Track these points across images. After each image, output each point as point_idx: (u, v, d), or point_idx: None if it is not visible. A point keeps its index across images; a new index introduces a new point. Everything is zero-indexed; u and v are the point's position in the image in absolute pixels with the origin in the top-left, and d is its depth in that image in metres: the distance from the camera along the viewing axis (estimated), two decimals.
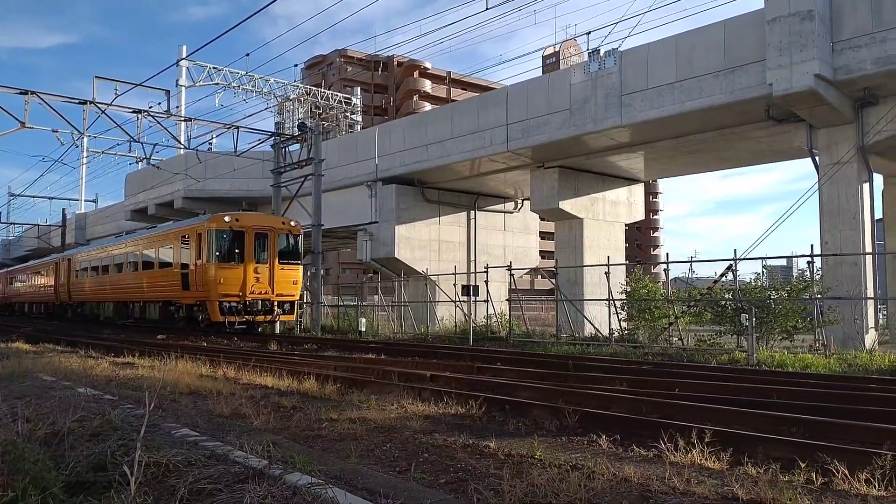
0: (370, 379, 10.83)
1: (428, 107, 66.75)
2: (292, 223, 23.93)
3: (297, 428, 7.09)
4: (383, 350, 16.95)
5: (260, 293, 22.41)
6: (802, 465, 5.17)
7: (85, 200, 63.81)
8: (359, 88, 47.02)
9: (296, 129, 30.00)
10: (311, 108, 37.88)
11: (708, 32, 19.38)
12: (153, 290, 26.34)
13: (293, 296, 23.74)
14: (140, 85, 23.90)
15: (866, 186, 18.33)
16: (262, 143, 29.02)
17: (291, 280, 23.40)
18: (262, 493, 4.16)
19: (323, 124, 35.35)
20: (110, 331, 26.96)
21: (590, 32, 44.52)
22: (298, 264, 24.12)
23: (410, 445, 6.24)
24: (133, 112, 25.00)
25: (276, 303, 22.91)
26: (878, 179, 21.52)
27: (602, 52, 21.80)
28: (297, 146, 28.38)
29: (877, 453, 5.12)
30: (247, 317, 22.32)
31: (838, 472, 4.93)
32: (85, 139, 30.65)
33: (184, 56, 39.74)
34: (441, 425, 7.24)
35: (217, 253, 22.16)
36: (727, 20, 19.13)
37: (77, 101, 23.86)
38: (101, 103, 23.92)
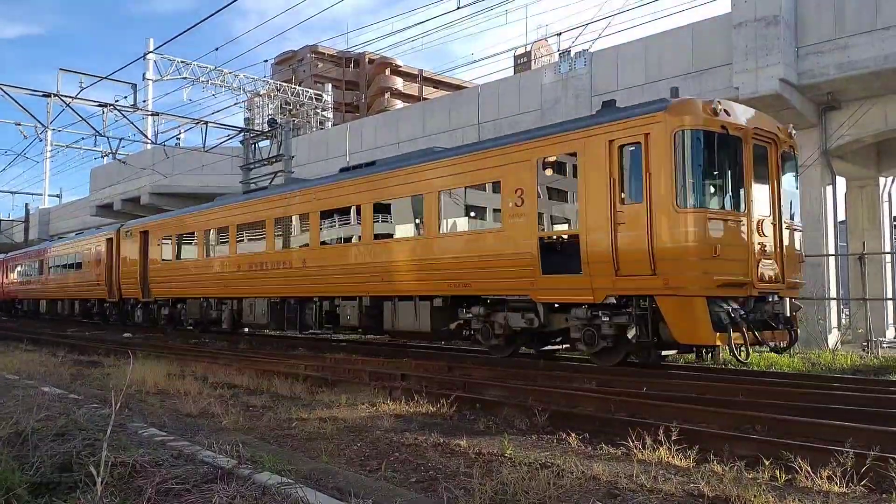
0: (341, 378, 10.80)
1: (399, 104, 66.57)
2: (791, 130, 11.64)
3: (267, 427, 7.05)
4: (354, 349, 16.87)
5: (772, 279, 10.48)
6: (767, 463, 5.28)
7: (49, 195, 62.50)
8: (330, 85, 46.69)
9: (266, 125, 29.69)
10: (281, 104, 37.53)
11: (676, 35, 19.63)
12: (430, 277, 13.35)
13: (798, 283, 11.38)
14: (106, 78, 23.42)
15: (829, 189, 18.73)
16: (231, 138, 28.61)
17: (797, 251, 11.41)
18: (231, 493, 4.13)
19: (293, 121, 35.07)
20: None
21: (561, 33, 45.01)
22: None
23: (381, 444, 6.24)
24: (99, 105, 24.53)
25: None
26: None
27: (572, 54, 21.97)
28: (266, 142, 28.12)
29: (838, 451, 5.24)
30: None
31: (801, 470, 5.04)
32: (49, 133, 30.04)
33: (151, 49, 39.11)
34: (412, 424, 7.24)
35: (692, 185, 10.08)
36: (695, 24, 19.41)
37: (41, 93, 23.37)
38: (66, 96, 23.46)
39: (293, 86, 40.37)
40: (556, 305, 11.51)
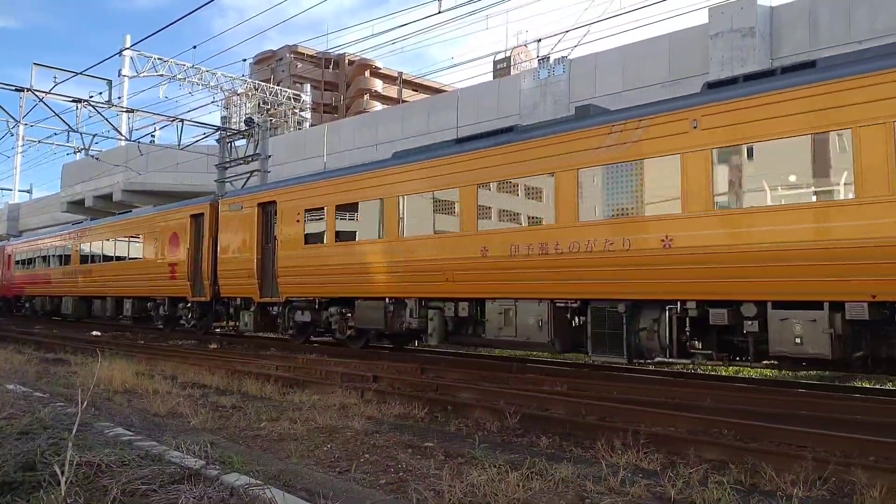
0: (312, 379, 10.74)
1: (379, 106, 66.46)
2: None
3: (237, 428, 7.00)
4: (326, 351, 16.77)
5: None
6: (732, 467, 5.36)
7: (19, 190, 61.51)
8: (308, 85, 46.46)
9: (243, 123, 29.46)
10: (259, 104, 37.24)
11: (654, 44, 19.86)
12: None
13: None
14: (81, 74, 23.11)
15: None
16: (207, 137, 28.34)
17: None
18: (198, 493, 4.09)
19: (271, 120, 34.82)
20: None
21: (540, 40, 45.04)
22: None
23: (352, 446, 6.22)
24: (73, 101, 24.19)
25: None
26: None
27: (552, 60, 22.13)
28: (243, 141, 27.87)
29: (801, 456, 5.34)
30: None
31: (766, 474, 5.12)
32: (21, 127, 29.56)
33: (128, 45, 38.61)
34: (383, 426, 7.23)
35: None
36: (672, 33, 19.66)
37: (13, 87, 23.00)
38: (40, 91, 23.10)
39: (271, 85, 40.12)
40: None
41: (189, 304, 19.90)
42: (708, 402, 8.34)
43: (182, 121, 26.76)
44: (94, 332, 22.28)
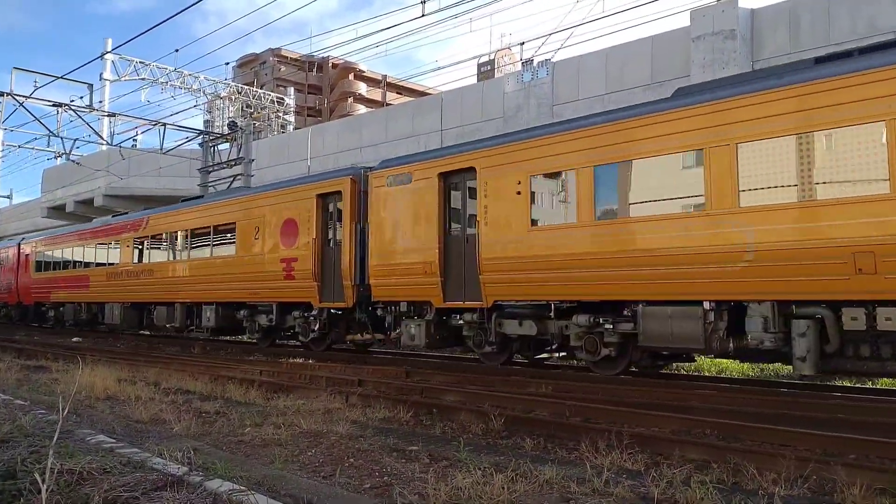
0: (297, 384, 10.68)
1: (363, 109, 66.38)
2: None
3: (220, 434, 6.96)
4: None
5: None
6: (715, 466, 5.40)
7: None
8: (292, 89, 46.43)
9: (226, 127, 29.37)
10: (242, 107, 37.10)
11: (637, 47, 20.00)
12: None
13: None
14: (61, 78, 22.93)
15: None
16: (189, 141, 28.23)
17: None
18: (182, 500, 4.08)
19: (254, 124, 34.69)
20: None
21: (524, 42, 45.44)
22: None
23: (336, 450, 6.20)
24: (53, 105, 24.00)
25: None
26: None
27: (535, 63, 22.23)
28: (226, 145, 27.80)
29: (782, 455, 5.39)
30: None
31: (748, 473, 5.17)
32: (0, 132, 29.23)
33: (109, 49, 38.36)
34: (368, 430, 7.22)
35: None
36: (655, 36, 19.81)
37: None
38: (20, 95, 22.92)
39: (255, 89, 40.02)
40: None
41: (313, 312, 15.17)
42: (691, 402, 8.40)
43: (164, 125, 26.62)
44: (75, 339, 22.07)
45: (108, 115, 28.38)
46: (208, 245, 18.50)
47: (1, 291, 31.19)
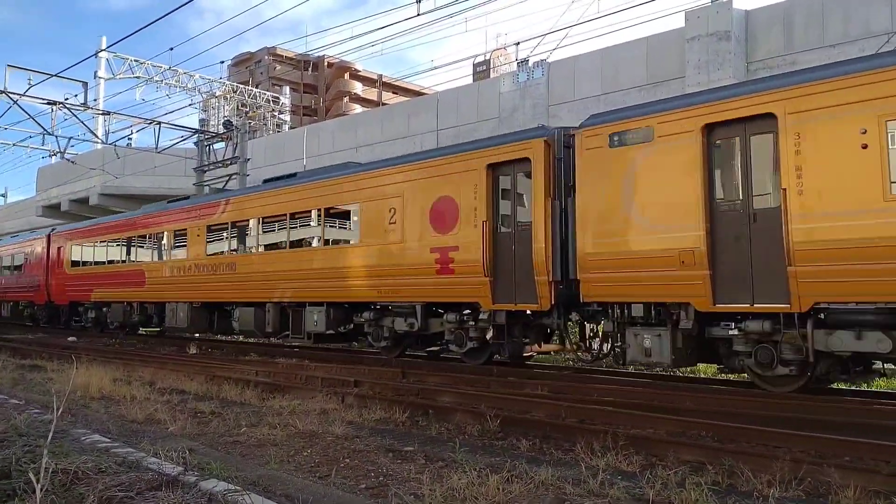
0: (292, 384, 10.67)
1: (358, 109, 66.34)
2: None
3: (215, 434, 6.95)
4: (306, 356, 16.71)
5: None
6: (710, 468, 5.41)
7: None
8: (288, 88, 46.35)
9: (221, 126, 29.31)
10: (237, 106, 37.05)
11: (632, 48, 20.04)
12: None
13: None
14: (56, 76, 22.84)
15: None
16: (185, 140, 28.18)
17: None
18: (176, 500, 4.07)
19: (249, 123, 34.66)
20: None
21: (519, 43, 45.47)
22: None
23: (332, 451, 6.20)
24: (48, 103, 23.92)
25: None
26: None
27: (531, 63, 22.26)
28: (222, 144, 27.74)
29: (777, 456, 5.41)
30: None
31: (742, 475, 5.18)
32: None
33: (104, 47, 38.25)
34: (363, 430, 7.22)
35: None
36: (650, 37, 19.86)
37: None
38: (14, 93, 22.82)
39: (250, 88, 39.96)
40: None
41: (481, 316, 11.88)
42: (687, 404, 8.42)
43: (159, 123, 26.56)
44: (71, 338, 21.99)
45: (102, 114, 28.27)
46: (315, 233, 15.08)
47: (24, 290, 27.55)
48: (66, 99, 24.68)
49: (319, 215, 14.88)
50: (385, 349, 14.13)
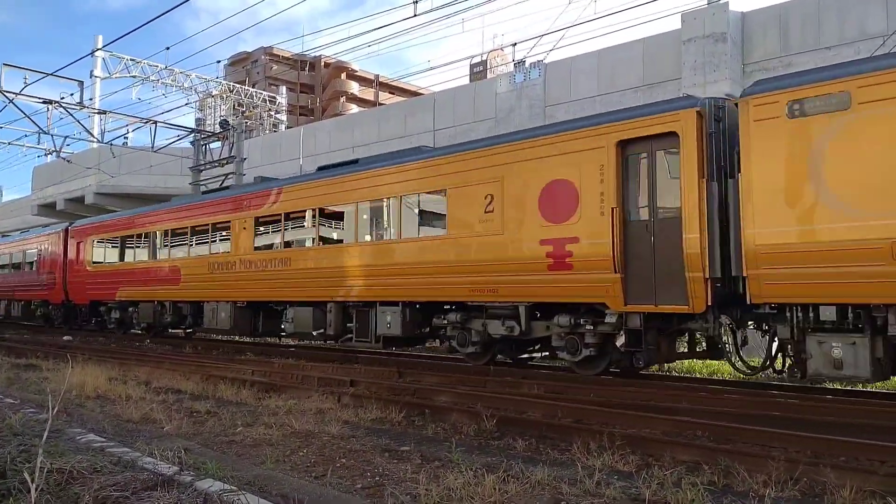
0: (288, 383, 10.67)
1: (355, 109, 66.29)
2: None
3: (211, 433, 6.94)
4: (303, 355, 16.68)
5: None
6: (706, 468, 5.42)
7: None
8: (284, 87, 46.26)
9: (217, 126, 29.26)
10: (234, 106, 36.99)
11: (629, 50, 20.06)
12: None
13: None
14: (52, 74, 22.81)
15: None
16: (181, 139, 28.13)
17: None
18: (172, 500, 4.06)
19: (246, 122, 34.60)
20: None
21: (516, 44, 45.56)
22: None
23: (328, 450, 6.19)
24: (43, 102, 23.85)
25: None
26: None
27: (527, 64, 22.26)
28: (218, 144, 27.71)
29: (773, 456, 5.42)
30: None
31: (738, 475, 5.19)
32: None
33: (100, 46, 38.14)
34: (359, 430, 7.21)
35: None
36: (646, 38, 19.88)
37: None
38: (10, 92, 22.75)
39: (246, 87, 39.90)
40: None
41: (607, 319, 10.17)
42: (683, 404, 8.43)
43: (156, 123, 26.49)
44: (66, 337, 21.93)
45: (98, 113, 28.20)
46: (389, 224, 13.49)
47: (37, 288, 25.85)
48: (62, 98, 24.63)
49: (393, 205, 13.24)
50: (472, 355, 12.41)
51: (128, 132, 34.14)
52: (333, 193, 14.44)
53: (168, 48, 44.62)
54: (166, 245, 19.39)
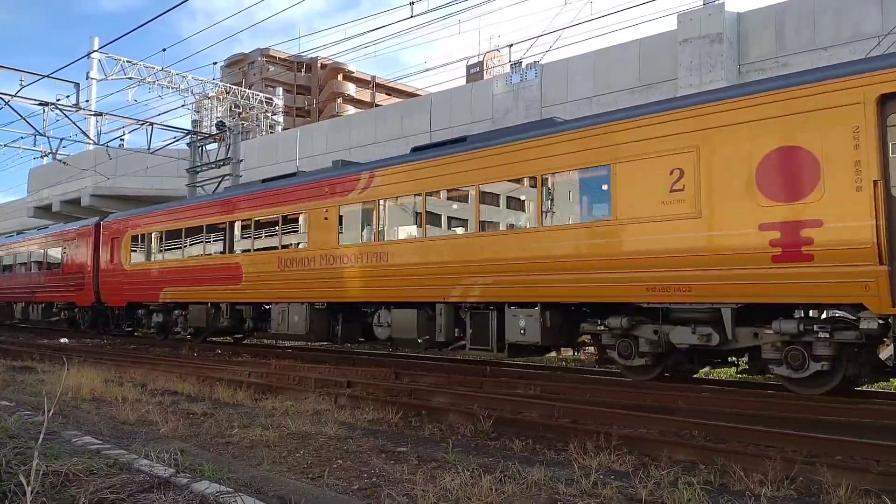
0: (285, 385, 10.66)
1: (352, 110, 66.29)
2: None
3: (208, 435, 6.93)
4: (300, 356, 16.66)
5: None
6: (703, 468, 5.43)
7: None
8: (281, 89, 46.34)
9: (214, 127, 29.26)
10: (230, 107, 37.00)
11: (625, 50, 20.11)
12: None
13: None
14: (48, 76, 22.83)
15: None
16: (177, 140, 28.14)
17: None
18: (168, 502, 4.07)
19: (242, 124, 34.58)
20: None
21: (512, 45, 45.65)
22: None
23: (325, 451, 6.19)
24: (40, 104, 23.84)
25: None
26: None
27: (524, 65, 22.30)
28: (214, 145, 27.72)
29: (769, 456, 5.43)
30: None
31: (735, 474, 5.20)
32: None
33: (96, 48, 38.13)
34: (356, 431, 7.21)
35: None
36: (642, 39, 19.93)
37: None
38: (5, 94, 22.77)
39: (243, 89, 39.90)
40: None
41: (866, 324, 7.94)
42: (679, 404, 8.42)
43: (152, 124, 26.49)
44: (63, 339, 21.88)
45: (94, 115, 28.19)
46: (525, 210, 11.69)
47: (62, 289, 23.61)
48: (58, 100, 24.65)
49: (529, 185, 11.16)
50: (636, 369, 10.14)
51: (124, 134, 34.09)
52: (442, 176, 12.19)
53: (164, 50, 44.61)
54: (224, 240, 17.04)
